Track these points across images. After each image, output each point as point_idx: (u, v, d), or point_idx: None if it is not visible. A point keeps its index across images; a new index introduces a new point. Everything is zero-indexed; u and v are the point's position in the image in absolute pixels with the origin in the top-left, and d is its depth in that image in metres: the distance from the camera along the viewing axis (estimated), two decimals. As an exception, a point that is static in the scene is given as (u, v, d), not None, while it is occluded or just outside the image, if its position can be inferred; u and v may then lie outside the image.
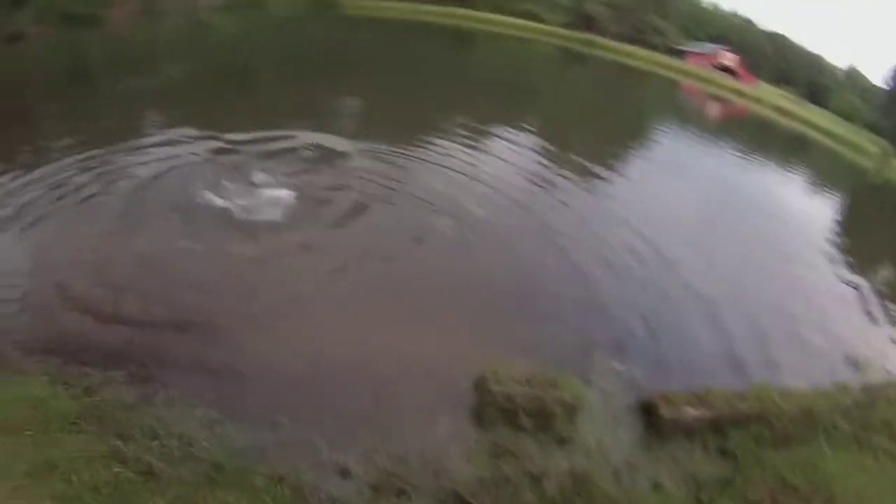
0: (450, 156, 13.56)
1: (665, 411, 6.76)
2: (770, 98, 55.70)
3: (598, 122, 20.54)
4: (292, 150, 12.68)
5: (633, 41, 52.29)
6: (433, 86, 21.42)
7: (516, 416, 6.41)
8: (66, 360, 6.39)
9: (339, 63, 25.10)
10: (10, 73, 18.80)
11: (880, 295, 12.90)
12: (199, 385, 6.29)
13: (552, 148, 15.66)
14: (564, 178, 13.78)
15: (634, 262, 10.68)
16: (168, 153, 12.15)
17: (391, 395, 6.54)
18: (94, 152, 11.89)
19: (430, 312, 8.11)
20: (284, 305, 7.72)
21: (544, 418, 6.44)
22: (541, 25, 44.66)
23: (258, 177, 10.74)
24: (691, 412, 6.76)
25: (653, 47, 54.49)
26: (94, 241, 8.75)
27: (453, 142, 14.62)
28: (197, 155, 12.13)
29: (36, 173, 10.79)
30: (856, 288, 13.02)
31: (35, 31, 31.19)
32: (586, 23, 46.01)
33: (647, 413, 6.94)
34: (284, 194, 10.12)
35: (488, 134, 15.76)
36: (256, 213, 9.52)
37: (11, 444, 4.80)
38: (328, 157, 12.50)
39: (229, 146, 12.63)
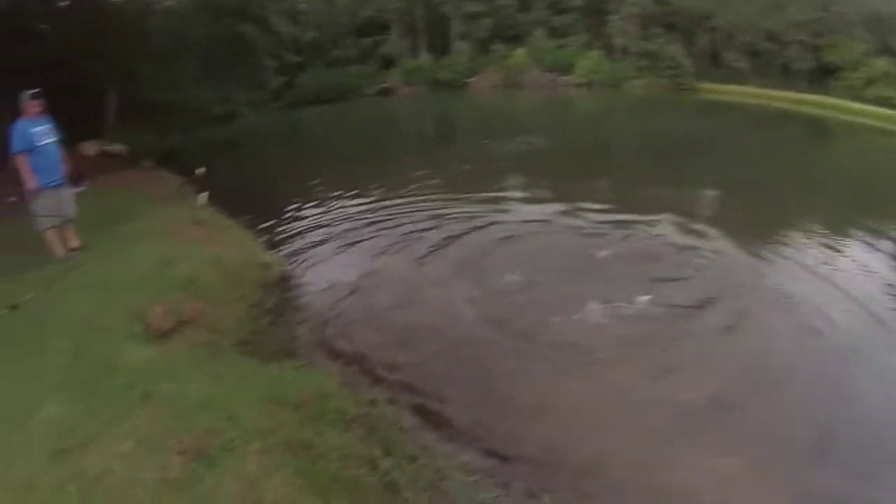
0: (805, 256, 11.20)
1: None
2: None
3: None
4: (642, 233, 11.82)
5: None
6: (786, 179, 18.72)
7: None
8: (364, 371, 6.56)
9: (692, 147, 23.86)
10: (379, 118, 22.40)
11: None
12: (477, 435, 5.87)
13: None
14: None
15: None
16: (515, 216, 12.75)
17: None
18: (443, 198, 13.14)
19: (737, 442, 6.16)
20: (592, 397, 6.80)
21: None
22: (896, 114, 36.93)
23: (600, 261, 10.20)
24: None
25: None
26: (424, 278, 9.38)
27: (808, 242, 12.14)
28: (543, 223, 12.28)
29: (391, 208, 12.46)
30: None
31: (402, 89, 37.60)
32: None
33: None
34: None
35: (844, 237, 12.74)
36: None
37: (282, 417, 4.87)
38: (678, 247, 11.22)
39: (581, 219, 12.50)
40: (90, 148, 17.59)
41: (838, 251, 11.68)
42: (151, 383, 4.78)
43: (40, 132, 7.54)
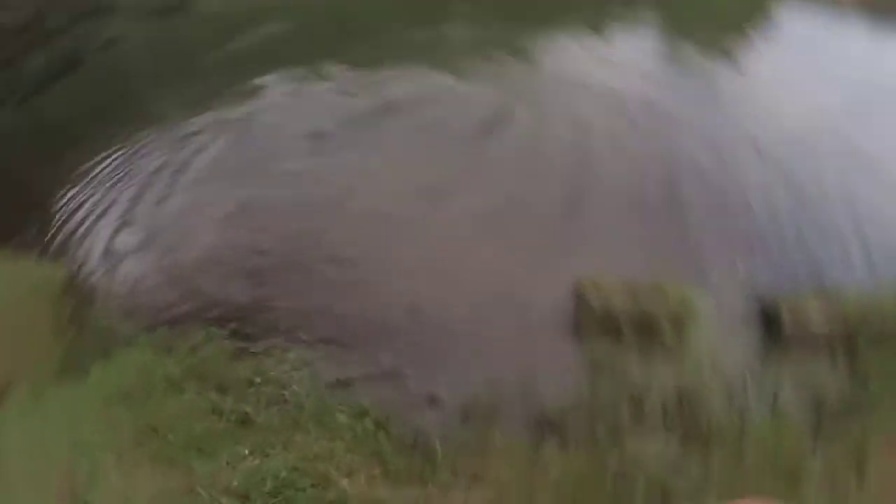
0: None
1: (789, 321, 5.75)
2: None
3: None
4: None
5: None
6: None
7: (618, 328, 5.72)
8: (171, 326, 6.60)
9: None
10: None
11: None
12: (295, 329, 6.25)
13: (663, 25, 13.24)
14: (678, 58, 11.95)
15: (754, 154, 8.88)
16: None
17: (485, 315, 6.07)
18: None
19: (524, 215, 7.38)
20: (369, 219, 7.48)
21: (649, 330, 5.67)
22: None
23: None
24: (819, 323, 5.68)
25: None
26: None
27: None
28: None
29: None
30: None
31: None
32: None
33: (769, 322, 5.93)
34: None
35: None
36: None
37: (118, 412, 5.08)
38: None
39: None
40: None
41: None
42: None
43: None
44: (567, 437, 4.73)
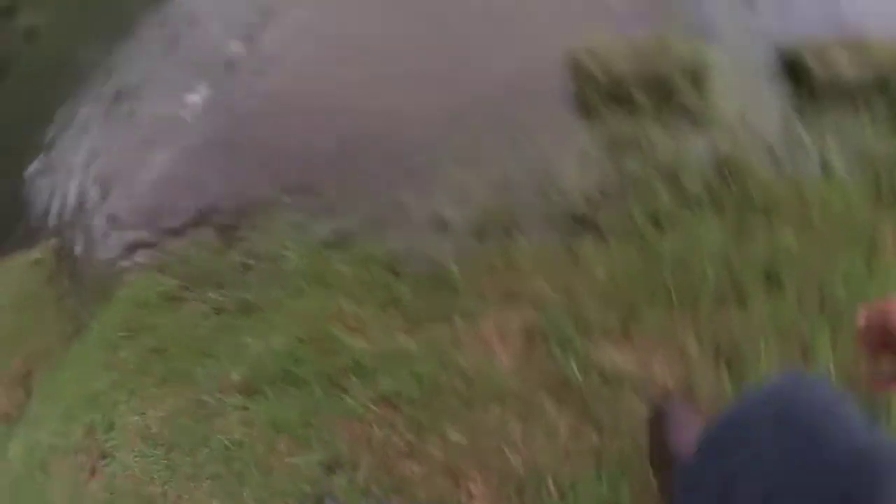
0: None
1: (817, 69, 4.66)
2: None
3: None
4: None
5: None
6: None
7: (628, 96, 4.59)
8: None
9: None
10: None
11: None
12: (276, 196, 5.30)
13: None
14: None
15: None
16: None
17: (472, 112, 4.97)
18: None
19: None
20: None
21: (665, 92, 4.55)
22: None
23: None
24: (849, 69, 4.57)
25: None
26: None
27: None
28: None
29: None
30: None
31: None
32: None
33: (794, 73, 4.80)
34: None
35: None
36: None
37: (123, 350, 4.67)
38: None
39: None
40: None
41: None
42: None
43: None
44: (602, 230, 3.91)
